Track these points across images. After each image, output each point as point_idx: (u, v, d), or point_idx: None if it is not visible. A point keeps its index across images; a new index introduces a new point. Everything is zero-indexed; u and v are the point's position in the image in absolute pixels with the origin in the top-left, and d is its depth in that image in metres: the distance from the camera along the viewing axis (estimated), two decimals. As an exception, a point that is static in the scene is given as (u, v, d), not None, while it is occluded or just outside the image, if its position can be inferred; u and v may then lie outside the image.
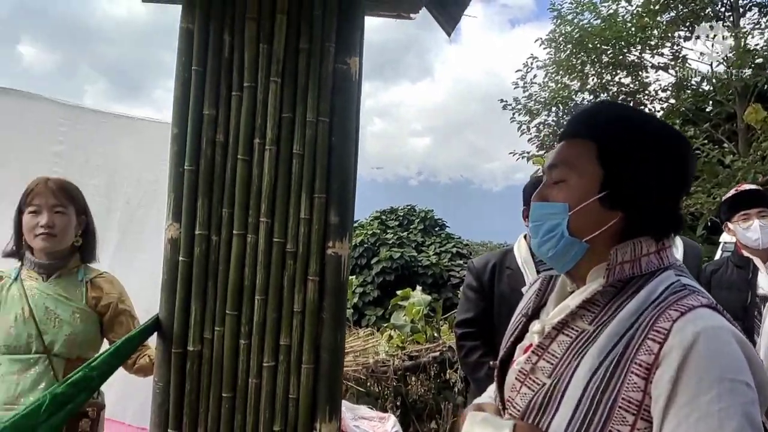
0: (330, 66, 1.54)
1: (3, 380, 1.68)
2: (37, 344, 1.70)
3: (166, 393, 1.55)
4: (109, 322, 1.83)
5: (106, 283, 1.85)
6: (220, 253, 1.55)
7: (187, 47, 1.51)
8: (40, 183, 1.79)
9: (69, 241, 1.80)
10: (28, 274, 1.78)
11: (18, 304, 1.72)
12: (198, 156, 1.53)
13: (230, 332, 1.55)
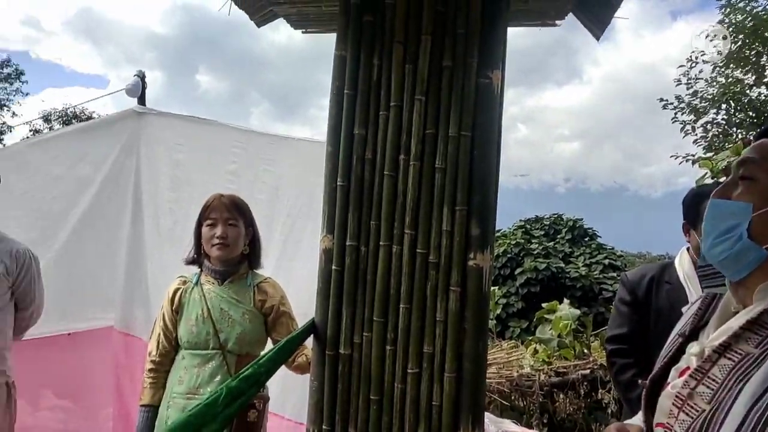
0: (472, 81, 1.57)
1: (186, 372, 1.95)
2: (213, 341, 1.95)
3: (320, 391, 1.68)
4: (273, 322, 2.03)
5: (270, 288, 2.06)
6: (368, 262, 1.65)
7: (341, 73, 1.63)
8: (216, 199, 2.05)
9: (239, 250, 2.03)
10: (206, 279, 2.04)
11: (198, 305, 1.98)
12: (349, 172, 1.64)
13: (377, 338, 1.63)
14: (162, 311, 2.06)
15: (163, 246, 2.94)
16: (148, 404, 2.00)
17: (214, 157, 2.76)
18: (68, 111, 21.75)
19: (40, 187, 3.14)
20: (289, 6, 1.80)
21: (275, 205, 2.52)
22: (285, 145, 2.61)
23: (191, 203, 2.80)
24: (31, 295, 2.65)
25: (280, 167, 2.59)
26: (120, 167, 3.12)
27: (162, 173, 2.96)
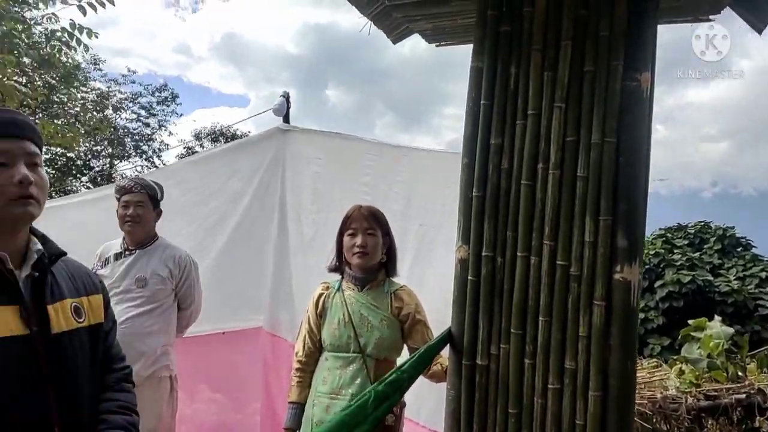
0: (617, 85, 1.51)
1: (329, 373, 2.06)
2: (354, 345, 2.04)
3: (457, 401, 1.69)
4: (408, 329, 2.08)
5: (406, 295, 2.12)
6: (505, 273, 1.63)
7: (477, 83, 1.64)
8: (356, 210, 2.15)
9: (378, 259, 2.12)
10: (347, 285, 2.15)
11: (340, 310, 2.10)
12: (485, 182, 1.64)
13: (515, 350, 1.60)
14: (307, 314, 2.20)
15: (306, 253, 3.14)
16: (295, 401, 2.14)
17: (350, 169, 2.90)
18: (216, 129, 23.94)
19: (198, 200, 3.51)
20: (424, 22, 1.85)
21: (408, 215, 2.58)
22: (417, 156, 2.67)
23: (330, 213, 2.96)
24: (191, 297, 2.97)
25: (412, 178, 2.66)
26: (267, 181, 3.40)
27: (304, 186, 3.17)
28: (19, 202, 1.19)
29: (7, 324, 1.15)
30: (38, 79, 11.96)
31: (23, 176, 1.19)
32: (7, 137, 1.21)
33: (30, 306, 1.21)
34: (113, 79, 21.50)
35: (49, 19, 6.68)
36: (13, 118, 1.26)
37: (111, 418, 1.33)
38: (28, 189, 1.20)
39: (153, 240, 2.88)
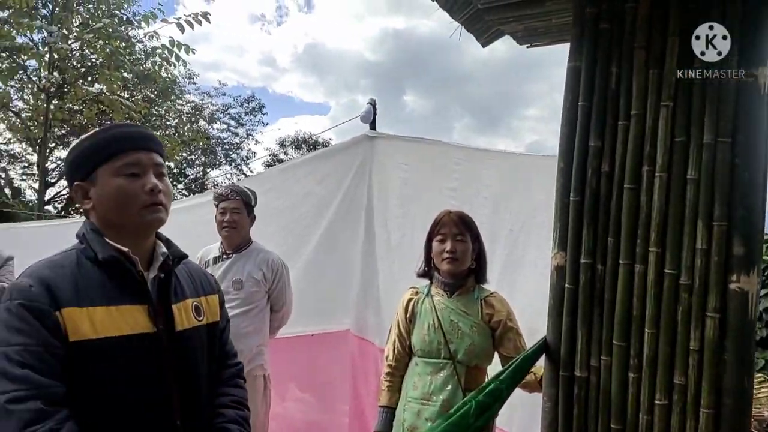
0: (731, 81, 1.40)
1: (420, 378, 2.06)
2: (444, 351, 2.02)
3: (554, 413, 1.63)
4: (500, 337, 2.04)
5: (497, 302, 2.07)
6: (605, 281, 1.56)
7: (575, 84, 1.58)
8: (445, 215, 2.14)
9: (467, 264, 2.09)
10: (436, 291, 2.14)
11: (430, 315, 2.09)
12: (583, 186, 1.58)
13: (618, 363, 1.53)
14: (397, 319, 2.20)
15: (393, 258, 3.16)
16: (386, 405, 2.15)
17: (437, 174, 2.89)
18: (299, 137, 24.73)
19: (290, 206, 3.64)
20: (517, 23, 1.81)
21: (497, 221, 2.53)
22: (506, 159, 2.61)
23: (417, 218, 2.96)
24: (283, 299, 3.07)
25: (501, 182, 2.60)
26: (355, 187, 3.46)
27: (391, 191, 3.20)
28: (150, 209, 1.29)
29: (138, 322, 1.24)
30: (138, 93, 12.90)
31: (153, 185, 1.29)
32: (140, 150, 1.31)
33: (156, 305, 1.30)
34: (206, 92, 22.84)
35: (151, 36, 7.20)
36: (144, 132, 1.37)
37: (226, 412, 1.40)
38: (157, 196, 1.30)
39: (248, 244, 3.01)
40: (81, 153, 1.31)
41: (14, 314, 1.11)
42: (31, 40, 10.31)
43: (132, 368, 1.22)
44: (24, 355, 1.07)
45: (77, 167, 1.32)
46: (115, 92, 8.81)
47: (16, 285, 1.15)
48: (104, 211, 1.29)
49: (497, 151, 2.66)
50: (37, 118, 10.40)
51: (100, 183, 1.28)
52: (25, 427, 1.02)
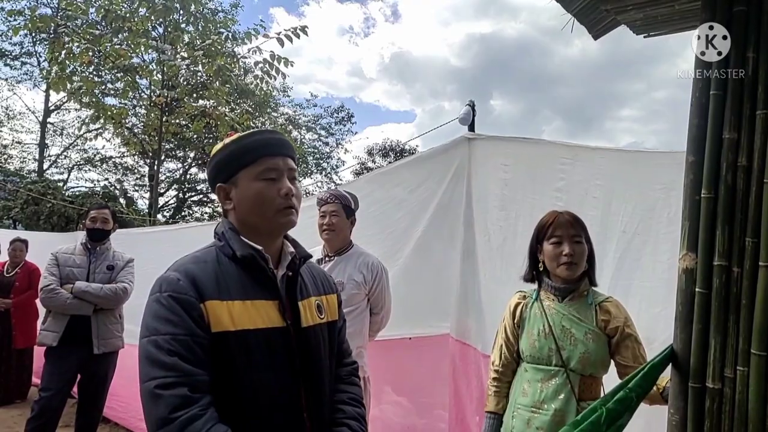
0: None
1: (530, 385, 1.99)
2: (556, 358, 1.94)
3: (682, 427, 1.51)
4: (617, 344, 1.92)
5: (613, 308, 1.96)
6: (742, 285, 1.43)
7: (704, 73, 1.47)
8: (556, 216, 2.05)
9: (583, 267, 2.00)
10: (545, 295, 2.06)
11: (540, 321, 2.01)
12: (717, 182, 1.46)
13: (757, 374, 1.39)
14: (503, 324, 2.15)
15: (494, 261, 3.09)
16: (492, 411, 2.11)
17: (541, 174, 2.79)
18: (386, 145, 25.03)
19: (388, 209, 3.67)
20: (636, 11, 1.71)
21: (608, 221, 2.40)
22: (617, 157, 2.48)
23: (519, 220, 2.88)
24: (382, 301, 3.10)
25: (612, 181, 2.47)
26: (453, 189, 3.42)
27: (491, 193, 3.13)
28: (284, 212, 1.35)
29: (270, 317, 1.30)
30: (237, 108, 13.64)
31: (288, 189, 1.36)
32: (278, 155, 1.37)
33: (285, 302, 1.36)
34: (298, 104, 23.74)
35: (254, 52, 7.60)
36: (282, 138, 1.44)
37: (345, 408, 1.43)
38: (291, 200, 1.37)
39: (349, 247, 3.07)
40: (225, 157, 1.38)
41: (164, 305, 1.17)
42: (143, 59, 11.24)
43: (266, 360, 1.26)
44: (173, 344, 1.13)
45: (220, 170, 1.39)
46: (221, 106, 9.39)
47: (165, 278, 1.23)
48: (244, 212, 1.36)
49: (606, 147, 2.52)
50: (149, 132, 11.29)
51: (242, 186, 1.35)
52: (172, 412, 1.08)
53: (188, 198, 22.70)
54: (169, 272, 1.24)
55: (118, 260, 3.94)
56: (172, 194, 21.83)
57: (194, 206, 23.30)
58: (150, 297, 1.21)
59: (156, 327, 1.15)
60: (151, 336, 1.15)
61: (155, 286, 1.22)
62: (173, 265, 1.27)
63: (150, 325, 1.17)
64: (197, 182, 22.36)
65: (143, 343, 1.16)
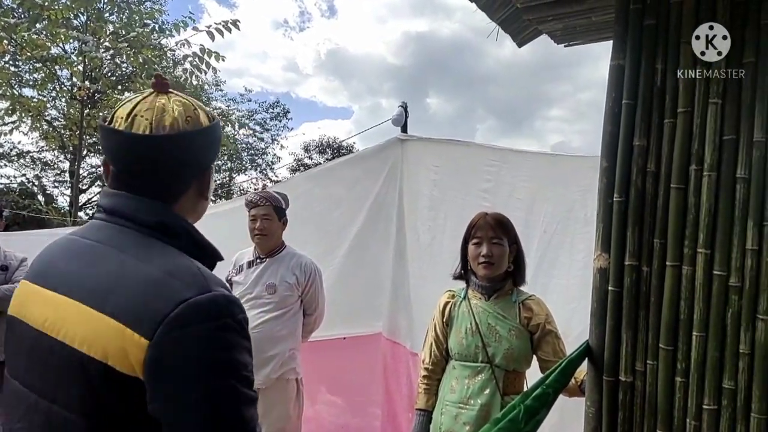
0: (782, 77, 1.36)
1: (457, 382, 2.04)
2: (482, 355, 2.00)
3: (598, 419, 1.59)
4: (538, 340, 2.00)
5: (535, 305, 2.04)
6: (651, 284, 1.52)
7: (618, 82, 1.55)
8: (481, 218, 2.11)
9: (504, 268, 2.06)
10: (473, 294, 2.11)
11: (467, 319, 2.06)
12: (628, 186, 1.54)
13: (665, 367, 1.49)
14: (433, 322, 2.19)
15: (423, 260, 3.14)
16: (422, 408, 2.14)
17: (469, 176, 2.87)
18: (323, 141, 24.92)
19: (321, 210, 3.66)
20: (555, 22, 1.79)
21: (531, 222, 2.50)
22: (541, 161, 2.58)
23: (447, 220, 2.95)
24: (315, 303, 3.08)
25: (535, 183, 2.57)
26: (386, 190, 3.46)
27: (421, 193, 3.19)
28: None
29: None
30: (167, 101, 13.12)
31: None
32: None
33: None
34: (232, 99, 23.16)
35: (182, 45, 7.35)
36: None
37: None
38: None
39: (281, 249, 3.03)
40: (219, 137, 1.10)
41: (238, 331, 0.88)
42: (64, 50, 10.62)
43: None
44: (252, 374, 0.92)
45: (215, 150, 1.10)
46: (145, 101, 8.97)
47: (222, 297, 0.88)
48: (203, 209, 1.11)
49: (531, 151, 2.63)
50: (70, 126, 10.70)
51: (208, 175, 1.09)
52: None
53: (113, 195, 21.64)
54: (217, 288, 0.89)
55: (11, 260, 3.71)
56: (95, 191, 20.76)
57: (120, 204, 22.25)
58: (208, 324, 0.85)
59: (241, 360, 0.87)
60: (242, 372, 0.87)
61: (211, 309, 0.86)
62: (206, 283, 0.89)
63: (232, 360, 0.86)
64: (123, 178, 21.34)
65: (230, 385, 0.85)
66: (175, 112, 0.98)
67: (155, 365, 0.81)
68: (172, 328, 0.82)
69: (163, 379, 0.82)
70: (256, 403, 0.90)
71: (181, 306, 0.83)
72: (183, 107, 1.00)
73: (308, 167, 24.35)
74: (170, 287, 0.86)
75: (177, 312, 0.82)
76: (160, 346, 0.81)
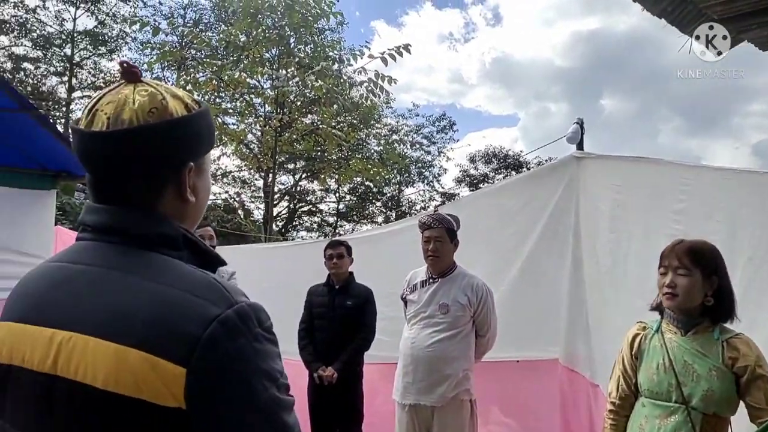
0: None
1: (647, 421, 1.89)
2: (676, 394, 1.83)
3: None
4: (746, 384, 1.77)
5: (743, 345, 1.81)
6: None
7: None
8: (671, 245, 1.94)
9: (693, 302, 1.87)
10: (667, 328, 1.95)
11: (659, 354, 1.91)
12: None
13: None
14: (621, 355, 2.06)
15: (603, 285, 2.95)
16: None
17: (658, 196, 2.63)
18: (488, 151, 24.71)
19: (493, 229, 3.64)
20: (760, 30, 1.59)
21: (733, 248, 2.20)
22: (747, 178, 2.27)
23: (631, 243, 2.74)
24: (487, 324, 3.08)
25: (739, 204, 2.26)
26: (561, 210, 3.33)
27: (601, 213, 3.01)
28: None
29: None
30: (343, 121, 14.16)
31: None
32: None
33: None
34: (401, 114, 24.10)
35: (359, 72, 7.91)
36: None
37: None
38: None
39: (453, 269, 3.09)
40: (206, 127, 0.95)
41: (269, 338, 0.85)
42: (258, 82, 12.02)
43: None
44: (286, 378, 0.87)
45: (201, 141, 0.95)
46: (328, 124, 9.83)
47: (253, 307, 0.84)
48: (198, 210, 0.98)
49: (737, 169, 2.31)
50: (265, 151, 12.06)
51: (205, 173, 0.98)
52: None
53: (298, 208, 23.82)
54: (244, 299, 0.85)
55: (223, 274, 4.15)
56: (284, 205, 23.04)
57: (304, 216, 24.41)
58: (243, 340, 0.80)
59: (277, 368, 0.84)
60: (279, 380, 0.83)
61: (247, 318, 0.81)
62: (233, 293, 0.84)
63: (271, 370, 0.82)
64: (306, 193, 23.41)
65: (273, 396, 0.81)
66: (135, 104, 0.85)
67: (198, 391, 0.75)
68: (208, 350, 0.76)
69: (208, 403, 0.76)
70: (293, 406, 0.85)
71: (212, 325, 0.77)
72: (148, 97, 0.86)
73: (474, 178, 24.40)
74: (194, 306, 0.78)
75: (209, 332, 0.76)
76: (199, 371, 0.75)
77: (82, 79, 21.83)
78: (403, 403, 3.00)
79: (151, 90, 0.88)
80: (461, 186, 24.07)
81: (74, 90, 21.33)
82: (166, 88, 0.91)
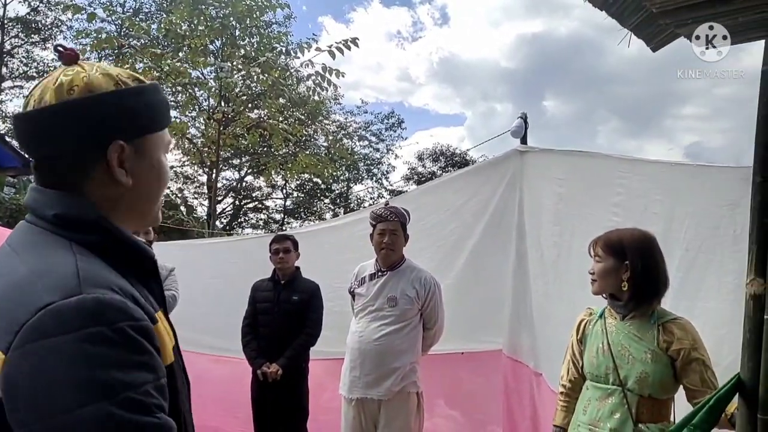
0: None
1: (589, 403, 1.97)
2: (613, 376, 1.90)
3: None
4: (682, 367, 1.84)
5: (678, 329, 1.87)
6: (817, 313, 1.35)
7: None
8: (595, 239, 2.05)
9: (609, 288, 1.98)
10: (609, 313, 2.02)
11: (600, 338, 1.98)
12: (787, 205, 1.38)
13: (837, 409, 1.31)
14: (571, 340, 2.15)
15: (547, 277, 3.02)
16: (559, 425, 2.13)
17: (597, 189, 2.71)
18: (436, 150, 24.98)
19: (438, 223, 3.66)
20: (695, 25, 1.64)
21: (670, 239, 2.29)
22: (680, 172, 2.37)
23: (574, 237, 2.81)
24: (435, 317, 3.09)
25: (674, 197, 2.36)
26: (504, 203, 3.39)
27: (544, 207, 3.07)
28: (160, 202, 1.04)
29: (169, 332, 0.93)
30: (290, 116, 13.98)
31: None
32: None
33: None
34: (349, 111, 24.04)
35: (306, 65, 7.80)
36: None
37: None
38: None
39: (401, 262, 3.08)
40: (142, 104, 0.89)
41: (119, 342, 0.70)
42: (202, 74, 11.68)
43: (182, 386, 0.92)
44: (155, 396, 0.73)
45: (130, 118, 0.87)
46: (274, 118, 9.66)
47: (101, 301, 0.71)
48: (141, 194, 0.91)
49: (668, 161, 2.41)
50: (208, 144, 11.74)
51: (148, 155, 0.90)
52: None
53: (244, 205, 23.36)
54: (96, 290, 0.72)
55: (162, 270, 4.00)
56: (228, 201, 22.54)
57: (250, 213, 23.97)
58: (75, 335, 0.68)
59: (124, 379, 0.69)
60: (124, 394, 0.68)
61: (86, 317, 0.69)
62: (88, 281, 0.73)
63: (107, 380, 0.68)
64: (252, 190, 22.99)
65: (101, 413, 0.66)
66: (57, 83, 0.82)
67: (8, 385, 0.67)
68: (26, 340, 0.67)
69: (13, 402, 0.67)
70: (157, 429, 0.72)
71: (39, 313, 0.68)
72: (72, 76, 0.82)
73: (422, 175, 24.64)
74: (33, 292, 0.70)
75: (34, 321, 0.67)
76: (12, 362, 0.67)
77: (13, 68, 20.63)
78: (350, 398, 2.98)
79: (78, 69, 0.85)
80: (410, 183, 24.24)
81: (4, 80, 20.13)
82: (101, 67, 0.87)
